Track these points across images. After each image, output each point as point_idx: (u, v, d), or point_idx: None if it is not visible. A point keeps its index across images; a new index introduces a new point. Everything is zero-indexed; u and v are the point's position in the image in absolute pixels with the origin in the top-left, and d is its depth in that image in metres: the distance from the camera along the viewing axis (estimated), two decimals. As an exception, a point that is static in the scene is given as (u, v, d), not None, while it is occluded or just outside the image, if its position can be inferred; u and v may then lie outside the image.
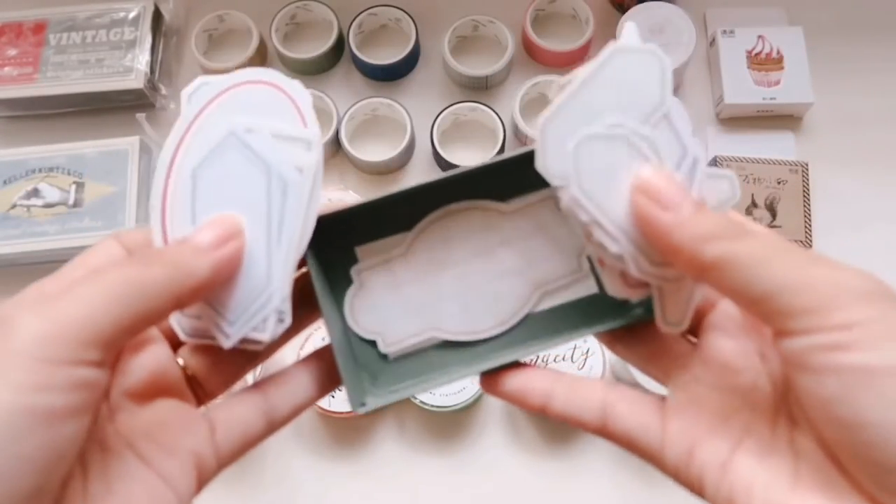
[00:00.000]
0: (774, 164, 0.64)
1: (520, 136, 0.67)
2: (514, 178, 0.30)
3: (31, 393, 0.20)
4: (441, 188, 0.29)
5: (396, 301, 0.31)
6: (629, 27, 0.26)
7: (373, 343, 0.31)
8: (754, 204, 0.63)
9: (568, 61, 0.70)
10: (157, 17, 0.70)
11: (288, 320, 0.27)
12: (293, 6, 0.69)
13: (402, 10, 0.69)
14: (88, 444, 0.23)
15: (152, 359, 0.26)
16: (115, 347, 0.22)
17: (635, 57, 0.25)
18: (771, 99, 0.66)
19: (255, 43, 0.69)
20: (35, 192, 0.63)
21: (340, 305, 0.31)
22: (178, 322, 0.27)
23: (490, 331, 0.31)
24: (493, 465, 0.59)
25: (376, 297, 0.31)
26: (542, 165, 0.25)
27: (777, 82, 0.66)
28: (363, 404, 0.29)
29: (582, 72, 0.26)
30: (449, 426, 0.60)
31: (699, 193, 0.26)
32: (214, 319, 0.26)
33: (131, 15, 0.69)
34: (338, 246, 0.31)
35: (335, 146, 0.67)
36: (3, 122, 0.70)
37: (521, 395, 0.29)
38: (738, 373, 0.26)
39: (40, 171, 0.64)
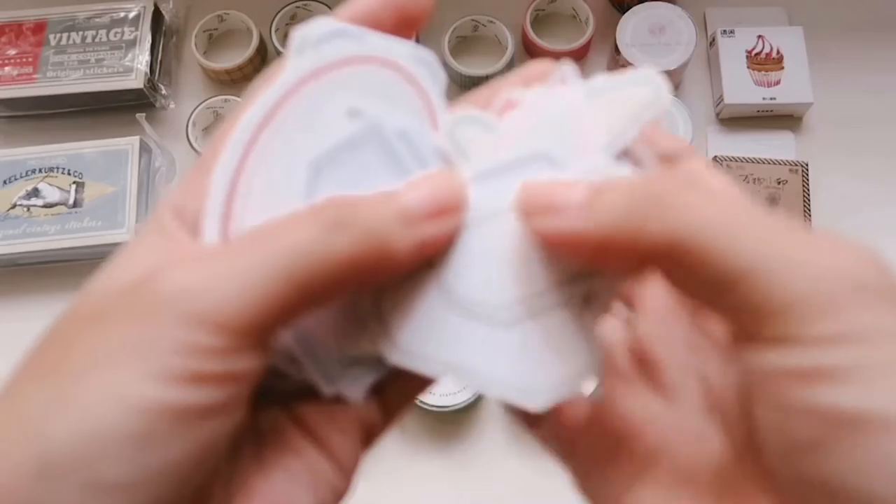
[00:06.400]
0: (774, 164, 0.64)
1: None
2: None
3: (178, 387, 0.16)
4: None
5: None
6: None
7: None
8: (754, 204, 0.63)
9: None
10: (157, 17, 0.70)
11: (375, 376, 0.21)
12: (293, 6, 0.69)
13: (402, 10, 0.69)
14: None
15: None
16: (274, 331, 0.17)
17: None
18: (771, 99, 0.66)
19: (255, 43, 0.69)
20: (35, 192, 0.63)
21: None
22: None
23: None
24: (493, 465, 0.59)
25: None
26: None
27: (777, 82, 0.66)
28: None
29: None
30: (449, 426, 0.60)
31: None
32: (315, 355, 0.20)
33: (131, 15, 0.69)
34: None
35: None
36: (3, 122, 0.70)
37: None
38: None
39: (40, 171, 0.64)
